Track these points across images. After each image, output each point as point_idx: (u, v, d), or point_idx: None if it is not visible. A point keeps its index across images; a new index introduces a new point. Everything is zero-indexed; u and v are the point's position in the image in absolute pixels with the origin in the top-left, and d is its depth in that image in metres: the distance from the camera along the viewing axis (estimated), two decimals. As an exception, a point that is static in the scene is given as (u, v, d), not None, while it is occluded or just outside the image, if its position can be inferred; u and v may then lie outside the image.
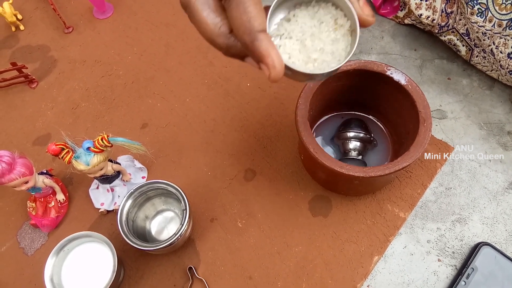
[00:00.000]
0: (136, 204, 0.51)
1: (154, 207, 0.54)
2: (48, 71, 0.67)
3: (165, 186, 0.50)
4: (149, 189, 0.50)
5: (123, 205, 0.49)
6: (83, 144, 0.48)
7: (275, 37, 0.32)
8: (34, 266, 0.54)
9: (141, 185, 0.49)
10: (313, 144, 0.44)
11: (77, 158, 0.48)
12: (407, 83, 0.46)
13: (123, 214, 0.48)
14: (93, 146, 0.48)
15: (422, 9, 0.61)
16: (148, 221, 0.54)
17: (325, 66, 0.31)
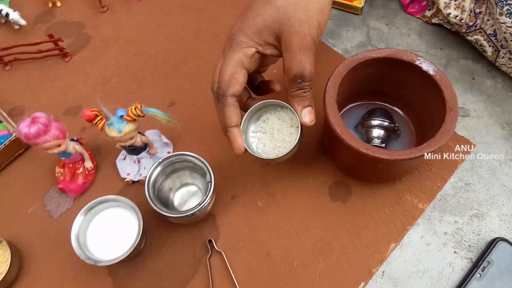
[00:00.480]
0: (163, 174, 0.52)
1: (179, 179, 0.55)
2: (81, 46, 0.70)
3: (192, 159, 0.51)
4: (177, 160, 0.52)
5: (152, 172, 0.50)
6: (117, 112, 0.50)
7: (256, 132, 0.50)
8: (58, 228, 0.56)
9: (170, 155, 0.51)
10: (340, 125, 0.45)
11: (110, 125, 0.50)
12: (435, 73, 0.47)
13: (151, 181, 0.50)
14: (126, 115, 0.49)
15: (450, 8, 0.62)
16: (172, 192, 0.55)
17: (284, 149, 0.47)
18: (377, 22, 0.70)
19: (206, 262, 0.52)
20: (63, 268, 0.53)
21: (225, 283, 0.51)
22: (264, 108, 0.49)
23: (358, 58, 0.49)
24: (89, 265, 0.53)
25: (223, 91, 0.44)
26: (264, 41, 0.45)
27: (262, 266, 0.52)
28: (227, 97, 0.45)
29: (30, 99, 0.65)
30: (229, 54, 0.44)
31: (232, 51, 0.44)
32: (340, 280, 0.51)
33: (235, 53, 0.44)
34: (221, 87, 0.44)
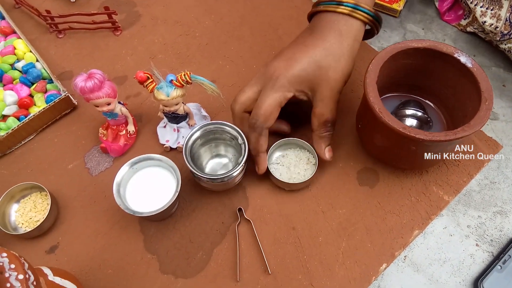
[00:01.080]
0: (202, 139, 0.55)
1: (214, 149, 0.58)
2: (131, 23, 0.74)
3: (230, 129, 0.53)
4: (216, 129, 0.54)
5: (192, 134, 0.53)
6: (167, 77, 0.53)
7: (275, 164, 0.57)
8: (96, 185, 0.58)
9: (211, 122, 0.54)
10: (379, 104, 0.48)
11: (159, 89, 0.53)
12: (473, 66, 0.49)
13: (189, 142, 0.52)
14: (176, 80, 0.53)
15: (486, 17, 0.65)
16: (205, 160, 0.58)
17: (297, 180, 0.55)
18: (414, 26, 0.73)
19: (234, 229, 0.54)
20: (97, 222, 0.56)
21: (251, 250, 0.53)
22: (285, 144, 0.58)
23: (400, 46, 0.51)
24: (122, 221, 0.56)
25: (261, 124, 0.51)
26: (301, 90, 0.52)
27: (288, 239, 0.54)
28: (264, 129, 0.52)
29: (80, 65, 0.69)
30: (272, 93, 0.51)
31: (275, 91, 0.51)
32: (362, 259, 0.52)
33: (277, 94, 0.51)
34: (259, 120, 0.51)
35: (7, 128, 0.59)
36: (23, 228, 0.54)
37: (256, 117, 0.51)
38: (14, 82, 0.64)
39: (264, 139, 0.53)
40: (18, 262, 0.37)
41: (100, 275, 0.52)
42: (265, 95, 0.51)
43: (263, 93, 0.51)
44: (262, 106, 0.51)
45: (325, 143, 0.54)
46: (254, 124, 0.51)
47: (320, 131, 0.53)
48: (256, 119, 0.51)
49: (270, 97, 0.51)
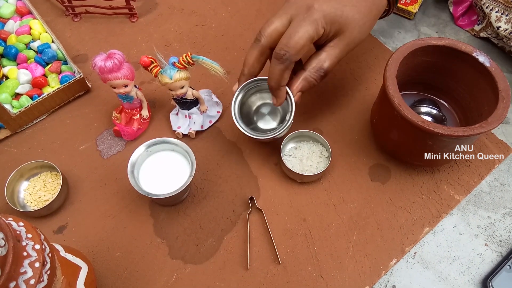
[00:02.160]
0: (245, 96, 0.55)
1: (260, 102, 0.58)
2: (148, 11, 0.74)
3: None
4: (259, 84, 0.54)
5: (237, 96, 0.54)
6: (170, 59, 0.53)
7: (288, 156, 0.57)
8: (107, 168, 0.58)
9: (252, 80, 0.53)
10: (399, 97, 0.48)
11: (163, 72, 0.53)
12: (491, 65, 0.50)
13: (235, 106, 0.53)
14: (178, 62, 0.52)
15: (501, 22, 0.66)
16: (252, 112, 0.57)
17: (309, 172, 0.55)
18: (427, 29, 0.74)
19: (245, 218, 0.54)
20: (107, 204, 0.55)
21: (262, 239, 0.53)
22: (298, 137, 0.58)
23: (420, 42, 0.52)
24: (132, 205, 0.55)
25: (291, 57, 0.47)
26: (328, 30, 0.48)
27: (298, 230, 0.54)
28: (291, 63, 0.48)
29: (95, 49, 0.69)
30: (306, 25, 0.46)
31: (310, 24, 0.46)
32: (372, 253, 0.52)
33: (311, 27, 0.46)
34: (289, 53, 0.47)
35: (20, 106, 0.59)
36: (31, 207, 0.54)
37: (286, 48, 0.46)
38: (28, 62, 0.64)
39: (288, 73, 0.49)
40: (35, 232, 0.36)
41: (108, 257, 0.52)
42: (298, 26, 0.46)
43: (296, 23, 0.47)
44: (294, 37, 0.46)
45: (304, 87, 0.52)
46: (282, 56, 0.47)
47: (311, 73, 0.51)
48: (286, 50, 0.46)
49: (303, 29, 0.46)
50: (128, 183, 0.50)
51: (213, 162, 0.59)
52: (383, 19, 0.59)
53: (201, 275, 0.51)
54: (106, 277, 0.50)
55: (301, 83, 0.52)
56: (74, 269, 0.43)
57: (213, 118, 0.62)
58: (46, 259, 0.35)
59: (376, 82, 0.66)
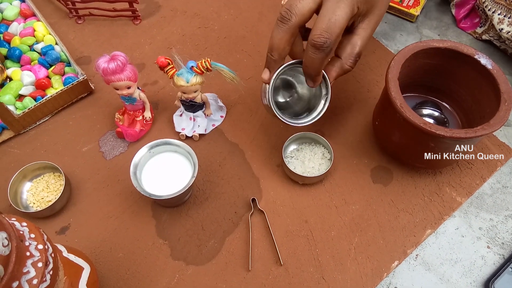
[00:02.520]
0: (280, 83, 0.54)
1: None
2: (151, 13, 0.74)
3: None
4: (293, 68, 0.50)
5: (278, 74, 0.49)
6: (188, 63, 0.53)
7: (290, 157, 0.57)
8: (110, 169, 0.58)
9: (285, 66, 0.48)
10: (401, 99, 0.48)
11: (179, 75, 0.53)
12: (493, 67, 0.50)
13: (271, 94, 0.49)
14: (196, 67, 0.53)
15: (503, 24, 0.66)
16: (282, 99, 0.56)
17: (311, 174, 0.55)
18: (429, 31, 0.74)
19: (247, 219, 0.54)
20: (109, 205, 0.56)
21: (263, 241, 0.53)
22: (300, 138, 0.58)
23: (422, 44, 0.52)
24: (134, 206, 0.55)
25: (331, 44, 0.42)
26: (361, 10, 0.45)
27: (300, 231, 0.54)
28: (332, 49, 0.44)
29: (98, 51, 0.69)
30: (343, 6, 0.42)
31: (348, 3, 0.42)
32: (374, 255, 0.52)
33: (349, 7, 0.42)
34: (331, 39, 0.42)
35: (23, 107, 0.59)
36: (34, 208, 0.54)
37: (326, 35, 0.41)
38: (32, 63, 0.64)
39: (328, 59, 0.45)
40: (38, 232, 0.36)
41: (111, 258, 0.52)
42: (336, 6, 0.41)
43: (333, 4, 0.41)
44: (333, 19, 0.41)
45: (340, 74, 0.49)
46: (323, 44, 0.41)
47: (348, 61, 0.48)
48: (326, 37, 0.41)
49: (342, 9, 0.41)
50: (130, 184, 0.50)
51: (215, 163, 0.59)
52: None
53: (203, 277, 0.51)
54: (108, 277, 0.51)
55: (336, 71, 0.49)
56: (76, 270, 0.43)
57: (217, 122, 0.62)
58: (49, 259, 0.35)
59: (378, 85, 0.66)
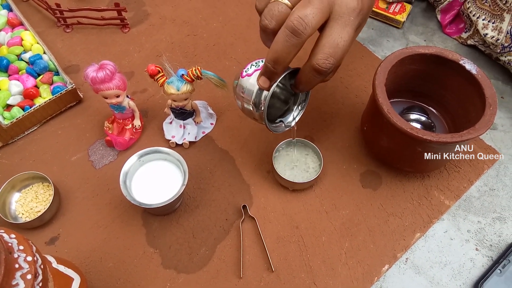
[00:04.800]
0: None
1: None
2: (140, 21, 0.75)
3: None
4: None
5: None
6: (178, 71, 0.54)
7: (280, 164, 0.57)
8: (100, 178, 0.58)
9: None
10: (388, 105, 0.49)
11: (170, 83, 0.53)
12: (477, 72, 0.51)
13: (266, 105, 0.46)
14: (187, 75, 0.53)
15: (488, 29, 0.67)
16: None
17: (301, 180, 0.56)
18: (416, 37, 0.75)
19: (238, 226, 0.54)
20: (99, 215, 0.55)
21: (255, 247, 0.53)
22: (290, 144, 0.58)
23: (408, 51, 0.53)
24: (124, 215, 0.55)
25: (334, 68, 0.45)
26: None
27: (291, 237, 0.54)
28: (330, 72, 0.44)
29: (86, 60, 0.69)
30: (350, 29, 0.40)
31: (353, 27, 0.41)
32: (365, 259, 0.52)
33: (353, 31, 0.41)
34: (335, 64, 0.41)
35: (11, 117, 0.59)
36: (23, 218, 0.54)
37: (332, 61, 0.40)
38: (20, 73, 0.64)
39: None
40: (27, 244, 0.36)
41: (101, 267, 0.52)
42: (343, 30, 0.39)
43: (340, 27, 0.39)
44: (340, 45, 0.39)
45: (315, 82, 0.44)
46: (328, 69, 0.40)
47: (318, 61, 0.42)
48: (332, 63, 0.40)
49: (348, 34, 0.40)
50: (120, 193, 0.50)
51: (205, 170, 0.59)
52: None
53: (194, 285, 0.50)
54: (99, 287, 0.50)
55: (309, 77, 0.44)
56: (66, 281, 0.43)
57: (207, 129, 0.62)
58: (38, 271, 0.35)
59: (366, 90, 0.67)
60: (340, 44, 0.39)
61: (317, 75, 0.41)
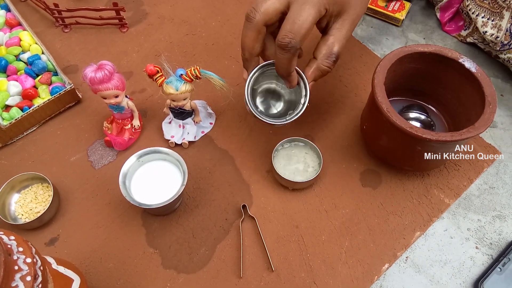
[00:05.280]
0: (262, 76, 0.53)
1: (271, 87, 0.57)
2: (138, 21, 0.74)
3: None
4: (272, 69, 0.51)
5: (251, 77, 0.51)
6: (177, 71, 0.53)
7: (280, 163, 0.57)
8: (99, 178, 0.58)
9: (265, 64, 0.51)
10: (387, 104, 0.48)
11: (168, 83, 0.53)
12: (477, 71, 0.51)
13: (249, 89, 0.51)
14: (185, 75, 0.53)
15: (487, 27, 0.67)
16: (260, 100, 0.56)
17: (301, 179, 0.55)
18: (415, 35, 0.75)
19: (238, 226, 0.54)
20: (99, 215, 0.55)
21: (255, 247, 0.53)
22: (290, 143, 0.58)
23: (407, 49, 0.52)
24: (124, 215, 0.55)
25: (296, 44, 0.44)
26: (331, 11, 0.47)
27: (291, 237, 0.54)
28: (298, 49, 0.45)
29: (85, 60, 0.69)
30: (309, 7, 0.44)
31: (313, 5, 0.44)
32: (365, 259, 0.52)
33: (314, 8, 0.44)
34: (295, 40, 0.44)
35: (10, 118, 0.59)
36: (22, 219, 0.54)
37: (291, 35, 0.43)
38: (18, 73, 0.64)
39: (295, 59, 0.47)
40: (26, 246, 0.36)
41: (101, 268, 0.52)
42: (301, 9, 0.44)
43: (298, 6, 0.44)
44: (297, 22, 0.43)
45: (318, 76, 0.51)
46: (287, 44, 0.44)
47: (323, 61, 0.49)
48: (291, 38, 0.43)
49: (307, 12, 0.44)
50: (120, 193, 0.50)
51: (205, 170, 0.59)
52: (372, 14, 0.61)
53: (194, 285, 0.50)
54: (99, 288, 0.50)
55: (314, 73, 0.51)
56: (66, 282, 0.43)
57: (206, 129, 0.62)
58: (38, 272, 0.35)
59: (366, 89, 0.66)
60: (297, 20, 0.43)
61: (282, 51, 0.45)
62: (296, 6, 0.44)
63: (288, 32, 0.44)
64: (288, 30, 0.44)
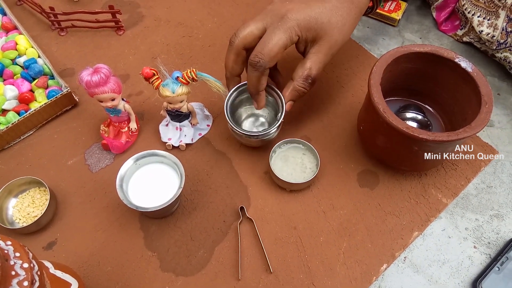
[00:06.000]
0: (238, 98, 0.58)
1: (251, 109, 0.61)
2: (134, 23, 0.74)
3: (270, 90, 0.56)
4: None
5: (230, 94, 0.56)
6: (173, 74, 0.53)
7: (277, 164, 0.57)
8: (96, 182, 0.58)
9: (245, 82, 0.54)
10: (383, 105, 0.48)
11: (165, 85, 0.53)
12: (473, 70, 0.51)
13: (228, 103, 0.55)
14: (182, 77, 0.53)
15: (483, 26, 0.67)
16: (242, 118, 0.60)
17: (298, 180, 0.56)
18: (411, 35, 0.75)
19: (236, 228, 0.54)
20: (96, 218, 0.55)
21: (253, 249, 0.53)
22: (287, 144, 0.59)
23: (403, 49, 0.53)
24: (122, 218, 0.55)
25: (265, 64, 0.49)
26: (305, 37, 0.51)
27: (289, 238, 0.54)
28: (266, 69, 0.50)
29: (81, 63, 0.69)
30: (280, 32, 0.49)
31: (284, 32, 0.49)
32: (363, 259, 0.52)
33: (285, 34, 0.49)
34: (263, 60, 0.49)
35: (7, 122, 0.59)
36: (20, 224, 0.54)
37: (260, 55, 0.49)
38: (15, 77, 0.64)
39: (265, 79, 0.52)
40: (23, 251, 0.36)
41: (99, 272, 0.52)
42: (272, 33, 0.49)
43: (271, 31, 0.49)
44: (268, 44, 0.48)
45: (295, 96, 0.54)
46: (256, 63, 0.49)
47: (299, 83, 0.53)
48: (260, 57, 0.49)
49: (277, 37, 0.49)
50: (117, 197, 0.49)
51: (202, 173, 0.59)
52: (368, 15, 0.64)
53: (192, 287, 0.50)
54: (97, 292, 0.50)
55: (291, 93, 0.54)
56: (64, 286, 0.43)
57: (203, 131, 0.62)
58: (35, 277, 0.35)
59: (362, 89, 0.67)
60: (267, 43, 0.48)
61: (252, 69, 0.50)
62: (269, 31, 0.49)
63: (259, 52, 0.49)
64: (258, 51, 0.49)
